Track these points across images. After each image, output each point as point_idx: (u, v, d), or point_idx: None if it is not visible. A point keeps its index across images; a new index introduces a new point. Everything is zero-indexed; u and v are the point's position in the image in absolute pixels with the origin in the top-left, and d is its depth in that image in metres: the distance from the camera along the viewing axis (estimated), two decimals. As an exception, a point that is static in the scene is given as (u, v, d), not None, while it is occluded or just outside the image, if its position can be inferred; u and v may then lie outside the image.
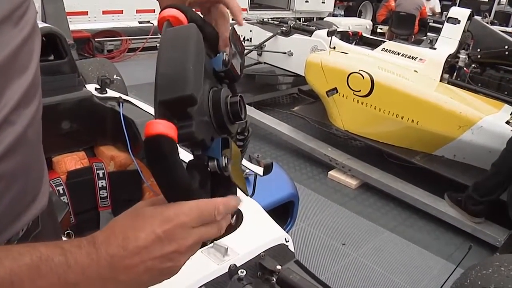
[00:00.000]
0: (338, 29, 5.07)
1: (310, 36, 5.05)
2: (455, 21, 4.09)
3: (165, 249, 0.54)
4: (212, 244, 1.45)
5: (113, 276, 0.53)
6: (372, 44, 4.86)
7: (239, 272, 1.31)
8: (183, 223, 0.54)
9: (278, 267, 1.48)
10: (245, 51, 5.22)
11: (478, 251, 3.09)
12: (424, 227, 3.44)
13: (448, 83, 3.96)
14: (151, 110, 2.33)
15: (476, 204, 3.22)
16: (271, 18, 6.04)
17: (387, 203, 3.71)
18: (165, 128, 0.51)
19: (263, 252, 1.54)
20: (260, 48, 5.49)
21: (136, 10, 7.00)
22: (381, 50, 4.34)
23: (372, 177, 3.80)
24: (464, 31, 4.08)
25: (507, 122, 3.33)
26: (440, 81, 3.95)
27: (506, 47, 3.85)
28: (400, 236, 3.28)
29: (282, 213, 2.29)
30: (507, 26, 10.70)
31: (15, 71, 0.58)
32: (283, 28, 5.35)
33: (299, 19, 5.46)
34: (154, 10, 6.98)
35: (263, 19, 6.10)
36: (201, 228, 0.56)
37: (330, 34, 4.62)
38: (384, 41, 4.77)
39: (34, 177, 0.68)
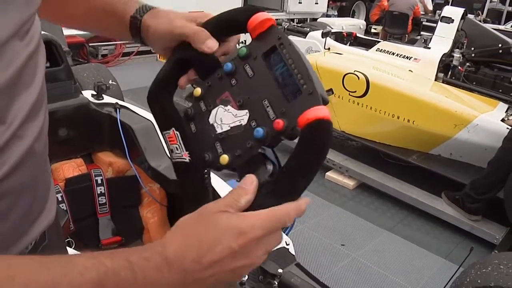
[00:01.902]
0: (332, 30, 5.09)
1: (305, 38, 5.06)
2: (449, 20, 4.12)
3: (238, 263, 0.53)
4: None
5: None
6: (366, 45, 4.88)
7: (241, 276, 1.32)
8: (258, 236, 0.54)
9: (280, 270, 1.49)
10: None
11: (476, 248, 3.11)
12: (423, 226, 3.46)
13: (443, 82, 3.99)
14: (148, 115, 2.34)
15: (473, 202, 3.24)
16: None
17: (385, 203, 3.73)
18: (328, 113, 0.59)
19: (264, 255, 1.55)
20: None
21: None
22: (376, 50, 4.36)
23: (370, 177, 3.82)
24: (457, 30, 4.10)
25: (502, 120, 3.36)
26: (435, 80, 3.98)
27: (500, 45, 3.89)
28: (398, 236, 3.29)
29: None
30: (499, 23, 10.76)
31: (22, 86, 0.59)
32: (278, 29, 5.36)
33: (292, 20, 5.46)
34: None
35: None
36: (270, 237, 0.56)
37: (324, 35, 4.64)
38: (379, 41, 4.79)
39: (42, 190, 0.68)
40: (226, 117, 0.68)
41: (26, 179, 0.61)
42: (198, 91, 0.72)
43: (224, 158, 0.66)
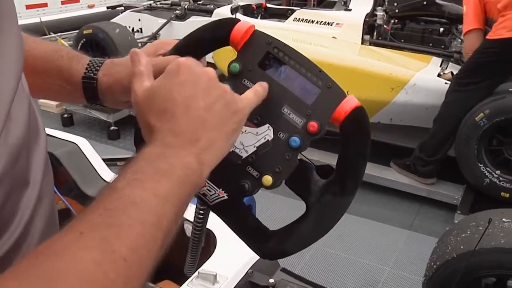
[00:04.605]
0: (240, 4, 5.16)
1: (211, 17, 5.09)
2: (364, -24, 4.34)
3: (197, 91, 0.59)
4: (197, 274, 1.48)
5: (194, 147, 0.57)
6: (279, 15, 5.02)
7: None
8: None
9: (271, 280, 1.55)
10: (138, 45, 5.15)
11: (438, 213, 3.38)
12: (379, 200, 3.68)
13: (370, 44, 4.21)
14: (71, 137, 2.26)
15: (425, 165, 3.51)
16: (159, 2, 5.98)
17: (334, 184, 3.89)
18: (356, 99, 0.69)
19: (250, 268, 1.60)
20: (154, 38, 5.42)
21: (61, 2, 7.26)
22: (293, 20, 4.50)
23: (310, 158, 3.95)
24: (376, -15, 4.34)
25: (439, 75, 3.64)
26: (362, 43, 4.19)
27: (423, -3, 4.17)
28: (356, 216, 3.47)
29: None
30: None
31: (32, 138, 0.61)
32: (177, 11, 5.34)
33: (193, -1, 5.50)
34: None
35: (150, 4, 6.02)
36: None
37: (233, 11, 4.71)
38: (292, 9, 4.94)
39: None
40: (247, 139, 0.70)
41: None
42: None
43: (268, 179, 0.69)
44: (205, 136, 0.57)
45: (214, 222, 0.84)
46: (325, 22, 4.33)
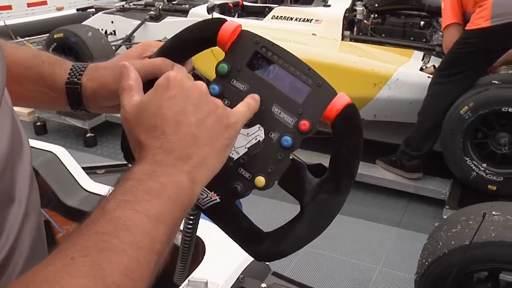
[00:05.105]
0: (216, 3, 5.15)
1: (186, 17, 5.08)
2: (343, -29, 4.37)
3: (187, 105, 0.58)
4: (187, 282, 1.47)
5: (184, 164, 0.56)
6: (257, 13, 5.02)
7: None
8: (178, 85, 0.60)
9: (263, 285, 1.55)
10: (112, 48, 5.12)
11: (426, 208, 3.42)
12: (365, 198, 3.71)
13: (350, 40, 4.25)
14: (47, 146, 2.24)
15: (411, 160, 3.55)
16: (132, 3, 5.94)
17: (319, 183, 3.92)
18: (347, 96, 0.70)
19: (241, 274, 1.60)
20: (128, 41, 5.38)
21: (27, 4, 7.17)
22: (272, 18, 4.51)
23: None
24: (354, -20, 4.37)
25: (421, 69, 3.69)
26: (342, 39, 4.23)
27: (403, -10, 4.23)
28: (344, 215, 3.48)
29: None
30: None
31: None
32: (151, 12, 5.31)
33: (168, -1, 5.46)
34: (46, 1, 7.18)
35: (123, 5, 5.98)
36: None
37: (210, 10, 4.70)
38: (269, 7, 4.95)
39: None
40: (238, 141, 0.70)
41: None
42: None
43: (260, 180, 0.70)
44: (196, 153, 0.57)
45: (202, 229, 0.84)
46: (304, 19, 4.35)
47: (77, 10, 8.08)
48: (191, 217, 0.80)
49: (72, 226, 2.27)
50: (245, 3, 5.39)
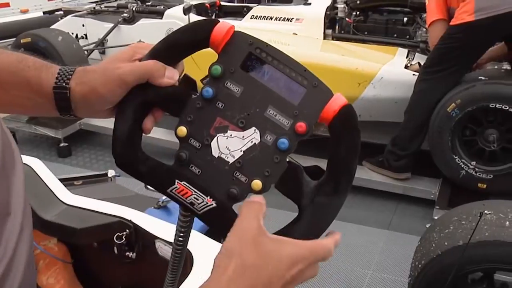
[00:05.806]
0: (192, 3, 5.14)
1: (161, 18, 5.05)
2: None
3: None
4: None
5: None
6: (234, 13, 5.03)
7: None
8: (303, 269, 0.65)
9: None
10: (84, 53, 5.07)
11: (416, 209, 3.45)
12: (353, 201, 3.71)
13: (332, 39, 4.28)
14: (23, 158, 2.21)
15: (398, 159, 3.58)
16: (103, 4, 5.90)
17: (305, 187, 3.93)
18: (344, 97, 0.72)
19: (231, 285, 1.59)
20: (101, 45, 5.34)
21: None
22: (251, 18, 4.52)
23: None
24: (333, -23, 4.40)
25: (406, 67, 3.73)
26: (324, 38, 4.26)
27: (380, -13, 4.27)
28: (332, 219, 3.51)
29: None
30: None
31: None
32: (125, 14, 5.27)
33: (141, 0, 5.40)
34: (9, 3, 6.96)
35: (94, 8, 5.93)
36: (309, 269, 0.67)
37: (186, 11, 4.68)
38: (247, 7, 4.96)
39: None
40: (233, 144, 0.71)
41: None
42: (182, 130, 0.73)
43: (257, 184, 0.71)
44: None
45: (190, 240, 0.84)
46: (285, 18, 4.37)
47: (44, 13, 7.92)
48: (183, 224, 0.79)
49: (50, 241, 2.24)
50: (222, 3, 5.39)
